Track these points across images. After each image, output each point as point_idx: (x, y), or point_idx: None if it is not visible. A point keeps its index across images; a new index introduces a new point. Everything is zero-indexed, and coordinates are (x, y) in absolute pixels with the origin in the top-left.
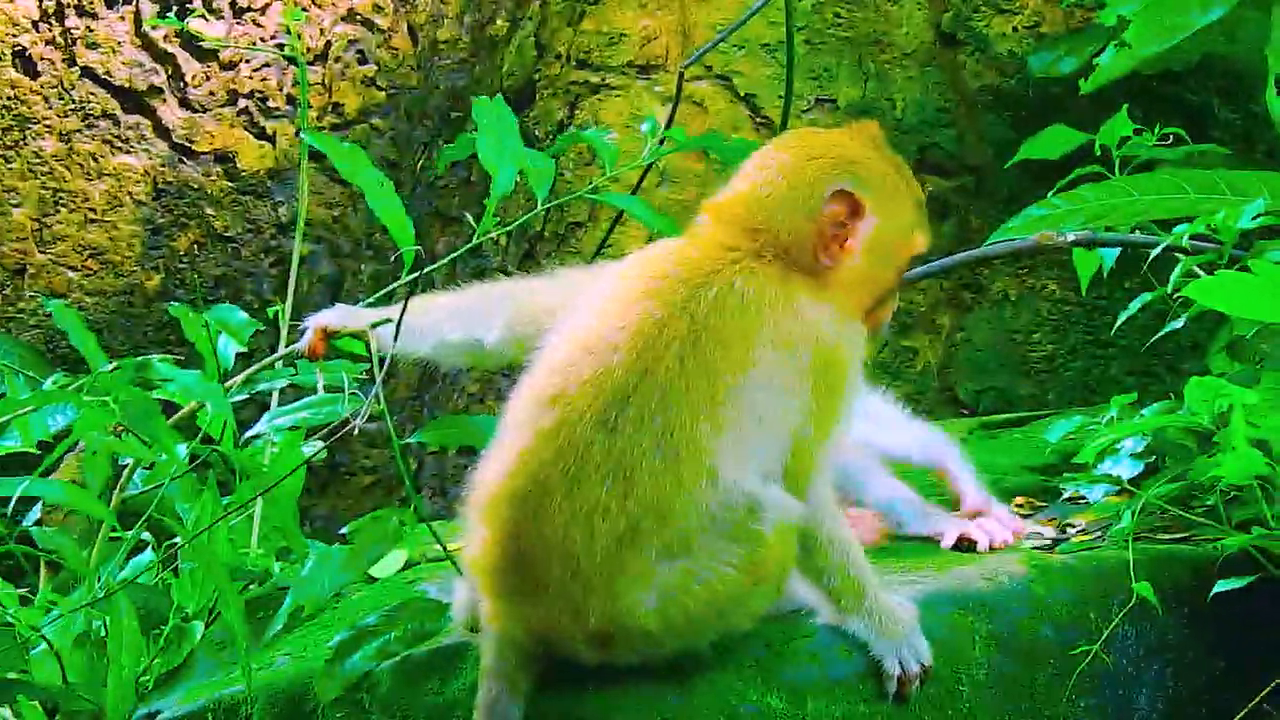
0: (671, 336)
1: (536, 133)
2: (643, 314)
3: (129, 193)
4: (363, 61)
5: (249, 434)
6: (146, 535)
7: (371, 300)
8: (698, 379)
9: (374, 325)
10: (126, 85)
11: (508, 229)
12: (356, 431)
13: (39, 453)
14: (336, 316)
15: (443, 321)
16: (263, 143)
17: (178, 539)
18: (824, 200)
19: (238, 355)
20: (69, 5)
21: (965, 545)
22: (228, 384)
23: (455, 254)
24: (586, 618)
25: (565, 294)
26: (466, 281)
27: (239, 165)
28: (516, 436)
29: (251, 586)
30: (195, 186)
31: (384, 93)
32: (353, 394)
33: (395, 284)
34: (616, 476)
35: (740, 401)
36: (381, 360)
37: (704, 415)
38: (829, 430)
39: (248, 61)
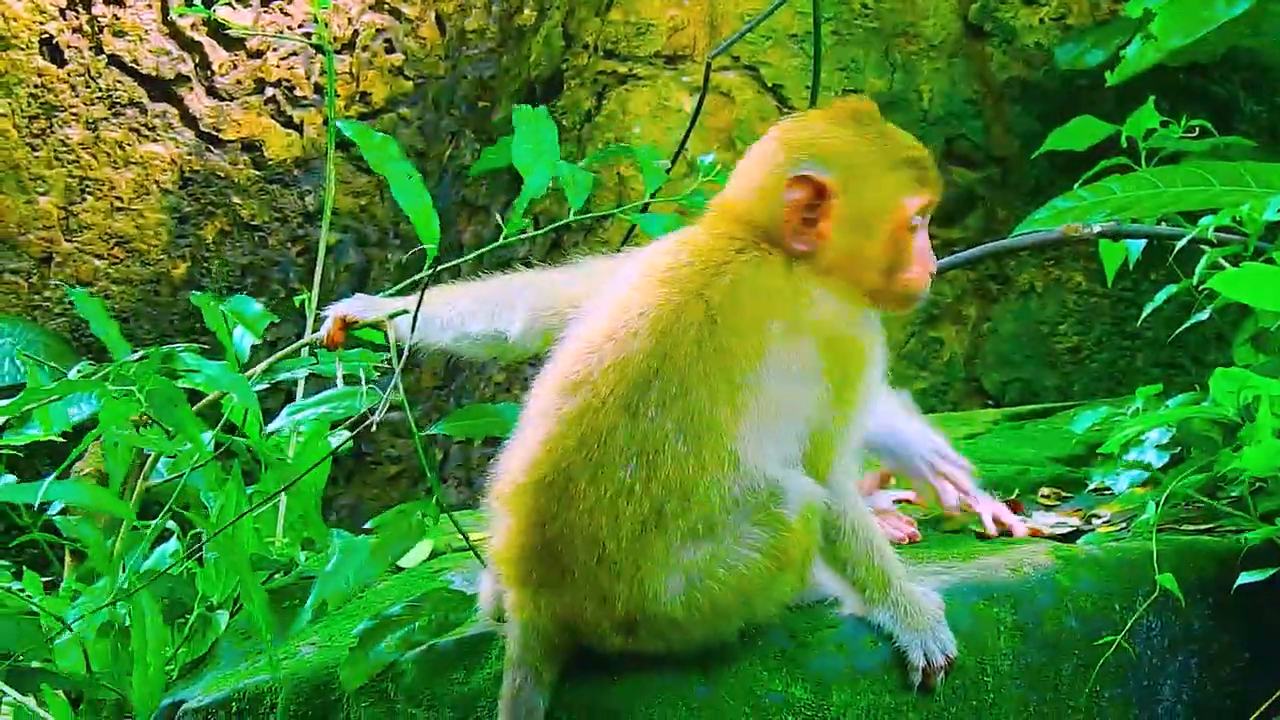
0: (688, 322)
1: (564, 123)
2: (661, 301)
3: (156, 181)
4: (390, 51)
5: (270, 428)
6: (171, 525)
7: (396, 290)
8: (715, 364)
9: (392, 316)
10: (153, 73)
11: (538, 234)
12: (377, 424)
13: (63, 440)
14: (356, 306)
15: (464, 313)
16: (290, 131)
17: (202, 529)
18: (785, 188)
19: (264, 343)
20: None
21: (1001, 531)
22: (248, 373)
23: (483, 250)
24: (613, 603)
25: (587, 284)
26: (492, 271)
27: (266, 154)
28: (540, 425)
29: (277, 576)
30: (222, 175)
31: (411, 82)
32: (372, 386)
33: (419, 275)
34: (640, 460)
35: (758, 387)
36: (401, 351)
37: (723, 400)
38: (848, 418)
39: (275, 50)
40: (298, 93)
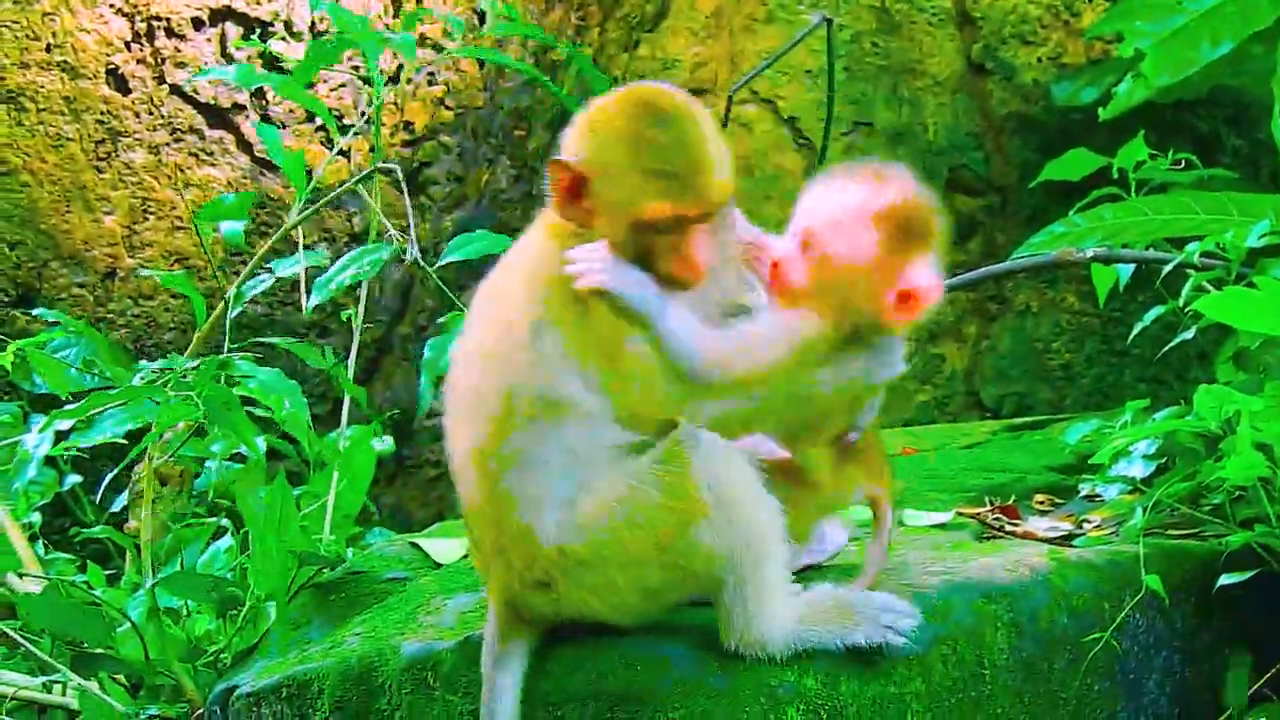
0: (496, 282)
1: None
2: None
3: None
4: (432, 83)
5: (310, 303)
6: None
7: None
8: (514, 317)
9: None
10: (212, 102)
11: None
12: (420, 429)
13: (125, 442)
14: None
15: None
16: (338, 157)
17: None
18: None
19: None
20: (159, 27)
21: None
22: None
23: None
24: (512, 557)
25: None
26: None
27: (315, 178)
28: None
29: (325, 571)
30: (274, 197)
31: (452, 112)
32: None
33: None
34: (483, 411)
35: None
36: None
37: (530, 345)
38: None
39: (325, 81)
40: (346, 121)
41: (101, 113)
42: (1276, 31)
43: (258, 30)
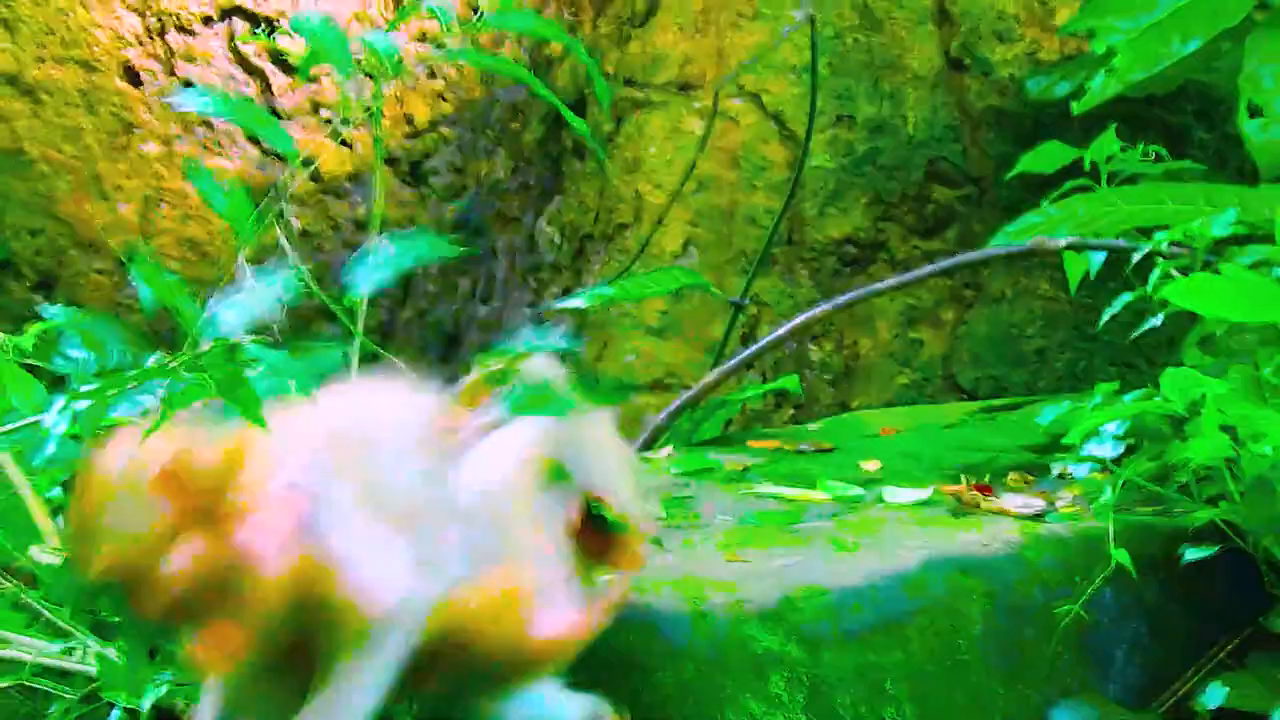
0: None
1: (587, 144)
2: None
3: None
4: (432, 77)
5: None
6: None
7: None
8: None
9: None
10: None
11: None
12: None
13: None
14: None
15: None
16: (342, 149)
17: None
18: None
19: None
20: (170, 23)
21: None
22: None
23: None
24: None
25: None
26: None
27: (321, 168)
28: None
29: None
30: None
31: (451, 105)
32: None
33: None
34: None
35: None
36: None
37: None
38: None
39: (329, 75)
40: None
41: (115, 105)
42: (1245, 29)
43: (264, 26)
